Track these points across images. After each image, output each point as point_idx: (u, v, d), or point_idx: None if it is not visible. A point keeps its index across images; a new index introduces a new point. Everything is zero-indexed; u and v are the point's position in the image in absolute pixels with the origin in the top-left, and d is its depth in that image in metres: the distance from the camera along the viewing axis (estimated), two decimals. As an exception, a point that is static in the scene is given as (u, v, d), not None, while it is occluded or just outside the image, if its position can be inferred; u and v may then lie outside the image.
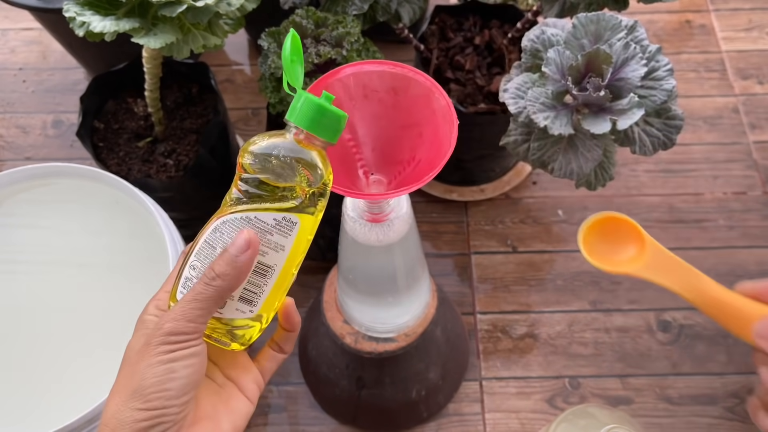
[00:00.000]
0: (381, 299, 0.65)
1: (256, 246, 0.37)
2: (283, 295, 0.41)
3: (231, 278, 0.37)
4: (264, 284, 0.39)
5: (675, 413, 0.82)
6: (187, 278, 0.39)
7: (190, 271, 0.39)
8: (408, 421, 0.81)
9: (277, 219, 0.38)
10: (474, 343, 0.86)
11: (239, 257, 0.37)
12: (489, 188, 0.95)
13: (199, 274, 0.38)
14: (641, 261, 0.35)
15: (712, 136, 1.02)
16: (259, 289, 0.39)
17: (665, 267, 0.35)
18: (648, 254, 0.35)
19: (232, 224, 0.38)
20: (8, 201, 0.71)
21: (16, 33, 1.15)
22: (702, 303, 0.34)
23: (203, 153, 0.79)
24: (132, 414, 0.35)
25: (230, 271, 0.36)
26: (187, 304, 0.36)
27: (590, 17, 0.59)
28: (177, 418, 0.36)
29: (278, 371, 0.85)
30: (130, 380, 0.36)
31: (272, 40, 0.72)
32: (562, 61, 0.58)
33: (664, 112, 0.61)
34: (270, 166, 0.38)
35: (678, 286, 0.34)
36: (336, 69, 0.45)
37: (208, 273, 0.37)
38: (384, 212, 0.53)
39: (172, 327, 0.36)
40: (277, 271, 0.39)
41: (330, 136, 0.39)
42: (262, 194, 0.38)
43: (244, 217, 0.38)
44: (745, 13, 1.15)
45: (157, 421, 0.35)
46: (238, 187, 0.39)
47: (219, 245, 0.38)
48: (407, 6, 0.76)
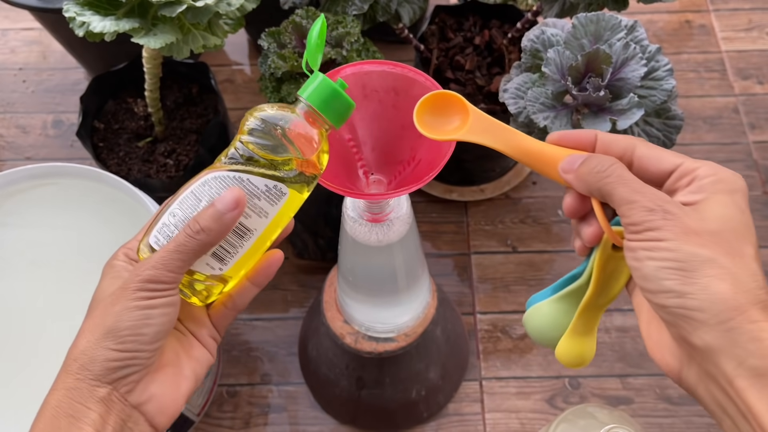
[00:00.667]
0: (381, 299, 0.65)
1: (243, 206, 0.38)
2: (251, 265, 0.41)
3: (214, 234, 0.37)
4: (239, 246, 0.39)
5: (675, 413, 0.82)
6: (165, 224, 0.39)
7: (169, 217, 0.39)
8: (408, 421, 0.81)
9: (268, 186, 0.38)
10: (474, 343, 0.86)
11: (226, 215, 0.37)
12: (489, 188, 0.95)
13: (179, 222, 0.38)
14: (465, 127, 0.40)
15: (711, 136, 1.02)
16: (233, 250, 0.39)
17: (485, 129, 0.40)
18: (470, 120, 0.40)
19: (223, 181, 0.38)
20: (8, 201, 0.71)
21: (16, 33, 1.15)
22: (518, 155, 0.39)
23: (203, 153, 0.79)
24: (104, 353, 0.36)
25: (214, 227, 0.37)
26: (169, 254, 0.37)
27: (590, 17, 0.59)
28: (146, 363, 0.37)
29: (278, 371, 0.85)
30: (102, 320, 0.36)
31: (272, 40, 0.72)
32: (562, 61, 0.58)
33: (664, 112, 0.61)
34: (273, 134, 0.38)
35: (497, 144, 0.39)
36: (336, 69, 0.45)
37: (193, 225, 0.37)
38: (384, 212, 0.53)
39: (151, 275, 0.36)
40: (255, 237, 0.39)
41: (336, 120, 0.40)
42: (259, 159, 0.38)
43: (236, 177, 0.38)
44: (745, 13, 1.15)
45: (128, 363, 0.36)
46: (236, 148, 0.39)
47: (205, 198, 0.38)
48: (407, 6, 0.76)
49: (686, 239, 0.32)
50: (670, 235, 0.32)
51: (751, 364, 0.29)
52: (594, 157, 0.36)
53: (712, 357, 0.31)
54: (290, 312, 0.90)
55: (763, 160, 1.00)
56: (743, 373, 0.30)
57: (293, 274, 0.93)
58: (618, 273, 0.39)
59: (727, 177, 0.34)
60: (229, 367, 0.86)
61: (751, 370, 0.29)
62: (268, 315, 0.90)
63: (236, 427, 0.83)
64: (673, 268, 0.31)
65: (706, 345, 0.31)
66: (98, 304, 0.38)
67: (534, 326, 0.42)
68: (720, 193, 0.33)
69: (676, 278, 0.31)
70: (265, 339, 0.88)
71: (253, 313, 0.90)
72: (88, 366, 0.36)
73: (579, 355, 0.41)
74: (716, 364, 0.31)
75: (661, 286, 0.32)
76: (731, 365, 0.30)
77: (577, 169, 0.36)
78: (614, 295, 0.40)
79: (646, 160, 0.36)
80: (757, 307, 0.30)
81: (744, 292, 0.30)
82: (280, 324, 0.89)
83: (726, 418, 0.32)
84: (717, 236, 0.32)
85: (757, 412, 0.29)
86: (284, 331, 0.88)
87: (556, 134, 0.39)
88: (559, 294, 0.42)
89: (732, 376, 0.30)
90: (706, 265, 0.31)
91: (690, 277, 0.31)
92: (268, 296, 0.91)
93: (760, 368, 0.29)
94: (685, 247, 0.31)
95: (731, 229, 0.32)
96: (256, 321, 0.89)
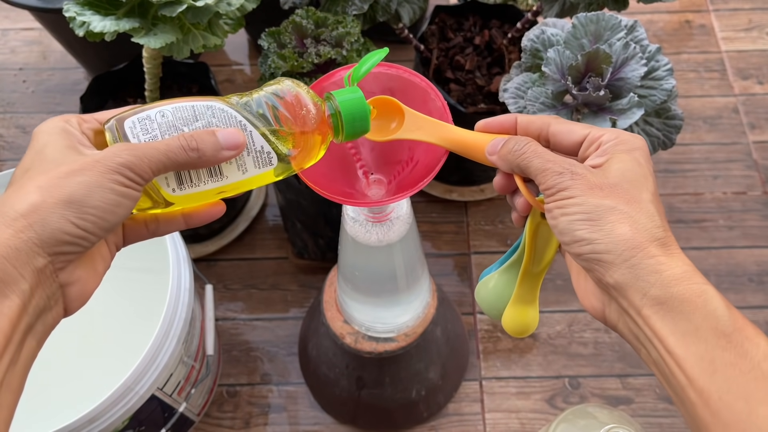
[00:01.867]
0: (381, 299, 0.65)
1: (240, 153, 0.37)
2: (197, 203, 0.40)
3: (203, 161, 0.36)
4: (204, 182, 0.38)
5: (675, 413, 0.82)
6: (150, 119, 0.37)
7: (157, 114, 0.37)
8: (408, 421, 0.81)
9: (264, 148, 0.38)
10: (474, 343, 0.86)
11: (223, 151, 0.37)
12: (489, 188, 0.95)
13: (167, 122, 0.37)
14: (401, 127, 0.43)
15: (711, 136, 1.02)
16: (197, 182, 0.38)
17: (419, 126, 0.43)
18: (406, 120, 0.43)
19: (229, 117, 0.38)
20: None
21: (16, 33, 1.15)
22: (450, 146, 0.42)
23: (203, 153, 0.79)
24: (60, 222, 0.33)
25: (207, 155, 0.36)
26: (157, 153, 0.35)
27: (590, 17, 0.59)
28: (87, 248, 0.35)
29: (278, 371, 0.85)
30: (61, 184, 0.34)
31: (272, 40, 0.72)
32: (562, 61, 0.58)
33: (664, 112, 0.61)
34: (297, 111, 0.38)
35: (431, 138, 0.42)
36: (332, 72, 0.46)
37: (190, 141, 0.36)
38: (384, 213, 0.53)
39: (134, 163, 0.34)
40: (221, 183, 0.38)
41: (348, 135, 0.41)
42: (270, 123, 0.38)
43: (243, 122, 0.38)
44: (745, 13, 1.15)
45: (78, 241, 0.34)
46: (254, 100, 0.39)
47: (203, 120, 0.37)
48: (407, 6, 0.76)
49: (591, 193, 0.36)
50: (578, 191, 0.36)
51: (653, 294, 0.34)
52: (512, 139, 0.40)
53: (623, 292, 0.35)
54: (290, 312, 0.90)
55: (763, 160, 1.00)
56: (647, 302, 0.34)
57: (293, 274, 0.93)
58: (548, 239, 0.43)
59: (627, 138, 0.38)
60: (229, 367, 0.86)
61: (653, 299, 0.34)
62: (268, 315, 0.90)
63: (236, 427, 0.83)
64: (582, 219, 0.36)
65: (616, 282, 0.35)
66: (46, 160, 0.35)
67: (483, 297, 0.46)
68: (620, 152, 0.38)
69: (586, 228, 0.35)
70: (265, 339, 0.88)
71: (253, 313, 0.90)
72: (37, 228, 0.33)
73: (522, 323, 0.44)
74: (626, 297, 0.35)
75: (574, 237, 0.36)
76: (637, 297, 0.34)
77: (499, 151, 0.40)
78: (548, 261, 0.43)
79: (560, 135, 0.40)
80: (654, 244, 0.35)
81: (642, 232, 0.35)
82: (280, 324, 0.89)
83: (641, 347, 0.36)
84: (617, 187, 0.36)
85: (662, 335, 0.33)
86: (284, 331, 0.88)
87: (481, 122, 0.43)
88: (504, 266, 0.45)
89: (639, 306, 0.34)
90: (608, 212, 0.35)
91: (596, 225, 0.35)
92: (268, 296, 0.91)
93: (660, 297, 0.33)
94: (591, 200, 0.36)
95: (629, 180, 0.36)
96: (256, 321, 0.89)
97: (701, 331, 0.33)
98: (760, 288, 0.90)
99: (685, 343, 0.33)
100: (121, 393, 0.58)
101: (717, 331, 0.33)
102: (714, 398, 0.32)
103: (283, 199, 0.84)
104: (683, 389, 0.33)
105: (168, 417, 0.71)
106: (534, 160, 0.38)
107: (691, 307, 0.33)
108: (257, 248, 0.95)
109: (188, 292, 0.65)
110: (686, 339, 0.33)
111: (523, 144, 0.39)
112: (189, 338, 0.68)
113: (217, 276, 0.93)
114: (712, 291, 0.33)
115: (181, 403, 0.72)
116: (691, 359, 0.33)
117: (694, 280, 0.34)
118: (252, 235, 0.96)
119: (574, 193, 0.36)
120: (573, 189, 0.36)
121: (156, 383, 0.62)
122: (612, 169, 0.37)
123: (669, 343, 0.33)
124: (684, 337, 0.33)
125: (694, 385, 0.32)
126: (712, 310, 0.33)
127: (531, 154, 0.39)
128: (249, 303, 0.91)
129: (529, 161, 0.39)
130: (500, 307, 0.45)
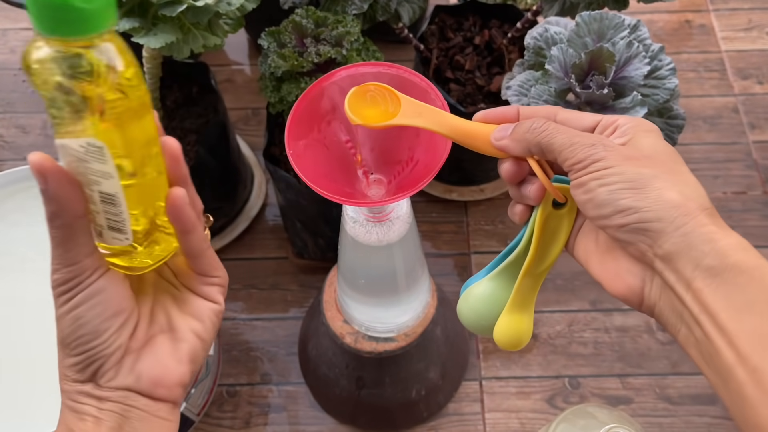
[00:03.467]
0: (381, 299, 0.65)
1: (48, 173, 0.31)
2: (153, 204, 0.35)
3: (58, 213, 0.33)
4: (119, 211, 0.34)
5: (674, 413, 0.82)
6: None
7: None
8: (408, 421, 0.81)
9: (82, 145, 0.31)
10: (474, 343, 0.86)
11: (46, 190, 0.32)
12: (489, 188, 0.95)
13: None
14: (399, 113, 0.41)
15: (711, 136, 1.02)
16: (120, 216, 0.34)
17: (416, 112, 0.41)
18: (403, 106, 0.41)
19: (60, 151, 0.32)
20: (8, 201, 0.71)
21: (16, 33, 1.15)
22: (450, 133, 0.40)
23: (203, 153, 0.79)
24: (66, 361, 0.36)
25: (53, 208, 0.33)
26: (54, 251, 0.34)
27: (593, 15, 0.59)
28: (110, 351, 0.36)
29: (278, 371, 0.85)
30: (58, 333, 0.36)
31: (272, 40, 0.72)
32: (566, 59, 0.58)
33: (666, 111, 0.61)
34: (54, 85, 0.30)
35: (430, 124, 0.41)
36: (331, 72, 0.45)
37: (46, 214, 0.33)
38: (384, 212, 0.53)
39: (56, 278, 0.35)
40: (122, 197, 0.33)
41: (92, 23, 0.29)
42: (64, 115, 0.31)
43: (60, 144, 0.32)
44: (745, 13, 1.15)
45: (90, 361, 0.35)
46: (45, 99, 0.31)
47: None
48: (407, 6, 0.76)
49: (629, 163, 0.34)
50: (614, 161, 0.34)
51: (707, 264, 0.32)
52: (527, 120, 0.39)
53: (673, 263, 0.33)
54: (290, 312, 0.90)
55: (763, 160, 1.00)
56: (700, 274, 0.32)
57: (293, 274, 0.93)
58: (558, 232, 0.41)
59: (643, 123, 0.37)
60: (229, 367, 0.86)
61: (707, 270, 0.32)
62: (268, 315, 0.90)
63: (236, 427, 0.82)
64: (625, 188, 0.34)
65: (666, 252, 0.33)
66: None
67: (469, 309, 0.43)
68: (642, 132, 0.36)
69: (630, 196, 0.33)
70: (265, 339, 0.88)
71: (253, 313, 0.90)
72: (64, 375, 0.36)
73: (516, 334, 0.42)
74: (676, 269, 0.33)
75: (617, 207, 0.34)
76: (689, 268, 0.32)
77: (512, 133, 0.39)
78: (552, 259, 0.41)
79: (569, 123, 0.38)
80: (704, 213, 0.33)
81: (691, 199, 0.33)
82: (280, 324, 0.89)
83: (682, 326, 0.33)
84: (653, 158, 0.35)
85: (713, 310, 0.31)
86: (284, 331, 0.88)
87: (481, 113, 0.41)
88: (496, 270, 0.43)
89: (690, 278, 0.32)
90: (653, 180, 0.33)
91: (642, 192, 0.33)
92: (268, 296, 0.91)
93: (715, 267, 0.31)
94: (631, 169, 0.34)
95: (663, 153, 0.35)
96: (256, 321, 0.89)
97: (757, 305, 0.31)
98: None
99: (739, 317, 0.31)
100: (121, 393, 0.58)
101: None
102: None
103: (283, 199, 0.84)
104: (730, 369, 0.31)
105: (168, 417, 0.71)
106: (558, 135, 0.36)
107: (747, 279, 0.31)
108: (257, 248, 0.95)
109: (188, 292, 0.65)
110: (740, 313, 0.31)
111: (542, 122, 0.37)
112: (189, 338, 0.68)
113: (217, 276, 0.92)
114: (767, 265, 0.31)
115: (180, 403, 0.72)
116: (744, 335, 0.30)
117: (750, 252, 0.32)
118: (252, 235, 0.95)
119: (611, 163, 0.34)
120: (609, 159, 0.34)
121: (156, 383, 0.61)
122: (641, 144, 0.36)
123: (721, 319, 0.31)
124: (738, 312, 0.31)
125: (746, 362, 0.30)
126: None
127: (553, 129, 0.37)
128: (249, 303, 0.91)
129: (551, 137, 0.37)
130: (490, 316, 0.42)
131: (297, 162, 0.43)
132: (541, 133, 0.37)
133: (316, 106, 0.46)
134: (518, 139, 0.38)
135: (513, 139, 0.39)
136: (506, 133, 0.39)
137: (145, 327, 0.38)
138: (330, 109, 0.47)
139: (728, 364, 0.31)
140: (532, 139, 0.37)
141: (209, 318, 0.39)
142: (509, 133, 0.39)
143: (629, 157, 0.34)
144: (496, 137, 0.40)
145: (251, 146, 1.00)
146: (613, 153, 0.35)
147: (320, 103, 0.46)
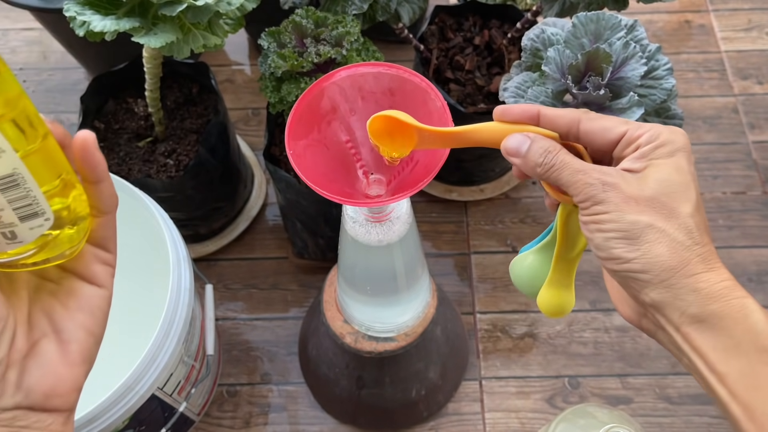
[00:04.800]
0: (381, 299, 0.65)
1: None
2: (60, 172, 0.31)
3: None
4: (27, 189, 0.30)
5: (674, 413, 0.82)
6: None
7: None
8: (408, 421, 0.81)
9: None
10: (474, 343, 0.87)
11: None
12: (489, 188, 0.95)
13: None
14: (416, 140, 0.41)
15: (711, 136, 1.02)
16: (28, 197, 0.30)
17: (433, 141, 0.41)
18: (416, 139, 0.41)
19: None
20: None
21: (16, 33, 1.16)
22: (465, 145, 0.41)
23: (203, 153, 0.79)
24: None
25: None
26: None
27: (590, 16, 0.59)
28: None
29: (278, 371, 0.85)
30: None
31: (272, 40, 0.72)
32: (562, 60, 0.58)
33: (664, 111, 0.61)
34: None
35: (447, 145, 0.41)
36: (331, 72, 0.45)
37: None
38: (384, 212, 0.53)
39: None
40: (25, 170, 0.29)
41: None
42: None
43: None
44: (745, 13, 1.15)
45: None
46: None
47: None
48: (407, 6, 0.76)
49: (627, 207, 0.35)
50: (612, 206, 0.35)
51: (691, 312, 0.34)
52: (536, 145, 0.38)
53: (660, 310, 0.35)
54: (290, 312, 0.90)
55: (763, 160, 1.00)
56: (686, 320, 0.34)
57: (293, 274, 0.93)
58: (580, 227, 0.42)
59: (666, 139, 0.37)
60: (229, 367, 0.86)
61: (692, 317, 0.34)
62: (268, 315, 0.90)
63: (236, 426, 0.83)
64: (618, 237, 0.35)
65: (652, 301, 0.35)
66: None
67: (516, 274, 0.45)
68: (659, 158, 0.36)
69: (622, 246, 0.35)
70: (265, 339, 0.88)
71: (253, 313, 0.90)
72: None
73: (558, 305, 0.43)
74: (664, 315, 0.35)
75: (610, 254, 0.35)
76: (675, 315, 0.34)
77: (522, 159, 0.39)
78: (581, 248, 0.42)
79: (592, 134, 0.38)
80: (696, 260, 0.34)
81: (681, 251, 0.34)
82: (280, 324, 0.89)
83: (683, 357, 0.35)
84: (654, 201, 0.35)
85: (702, 351, 0.33)
86: (284, 331, 0.88)
87: (500, 108, 0.40)
88: (539, 245, 0.44)
89: (678, 324, 0.34)
90: (645, 231, 0.35)
91: (633, 245, 0.35)
92: (268, 296, 0.91)
93: (700, 315, 0.33)
94: (627, 216, 0.35)
95: (668, 193, 0.35)
96: (256, 321, 0.89)
97: (742, 345, 0.33)
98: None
99: (727, 358, 0.33)
100: (122, 393, 0.59)
101: (758, 345, 0.32)
102: (759, 413, 0.32)
103: (283, 199, 0.84)
104: (727, 404, 0.33)
105: (168, 417, 0.71)
106: (563, 172, 0.37)
107: (731, 323, 0.33)
108: (257, 248, 0.95)
109: (188, 292, 0.65)
110: (727, 354, 0.33)
111: (552, 155, 0.38)
112: (189, 338, 0.68)
113: (217, 276, 0.93)
114: (752, 304, 0.33)
115: (181, 403, 0.72)
116: (733, 375, 0.32)
117: (733, 295, 0.33)
118: (252, 234, 0.96)
119: (609, 208, 0.35)
120: (607, 203, 0.35)
121: (156, 383, 0.62)
122: (650, 179, 0.36)
123: (710, 359, 0.33)
124: (725, 353, 0.33)
125: (737, 400, 0.32)
126: (752, 325, 0.33)
127: (560, 165, 0.37)
128: (249, 303, 0.91)
129: (558, 174, 0.37)
130: (535, 285, 0.44)
131: (297, 162, 0.43)
132: (548, 170, 0.38)
133: (316, 107, 0.46)
134: (528, 168, 0.39)
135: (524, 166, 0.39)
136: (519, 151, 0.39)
137: (24, 334, 0.33)
138: (330, 110, 0.47)
139: (723, 400, 0.33)
140: (542, 173, 0.38)
141: (99, 307, 0.35)
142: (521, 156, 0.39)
143: (629, 199, 0.35)
144: (509, 152, 0.39)
145: (251, 146, 1.00)
146: (614, 195, 0.35)
147: (320, 104, 0.46)
